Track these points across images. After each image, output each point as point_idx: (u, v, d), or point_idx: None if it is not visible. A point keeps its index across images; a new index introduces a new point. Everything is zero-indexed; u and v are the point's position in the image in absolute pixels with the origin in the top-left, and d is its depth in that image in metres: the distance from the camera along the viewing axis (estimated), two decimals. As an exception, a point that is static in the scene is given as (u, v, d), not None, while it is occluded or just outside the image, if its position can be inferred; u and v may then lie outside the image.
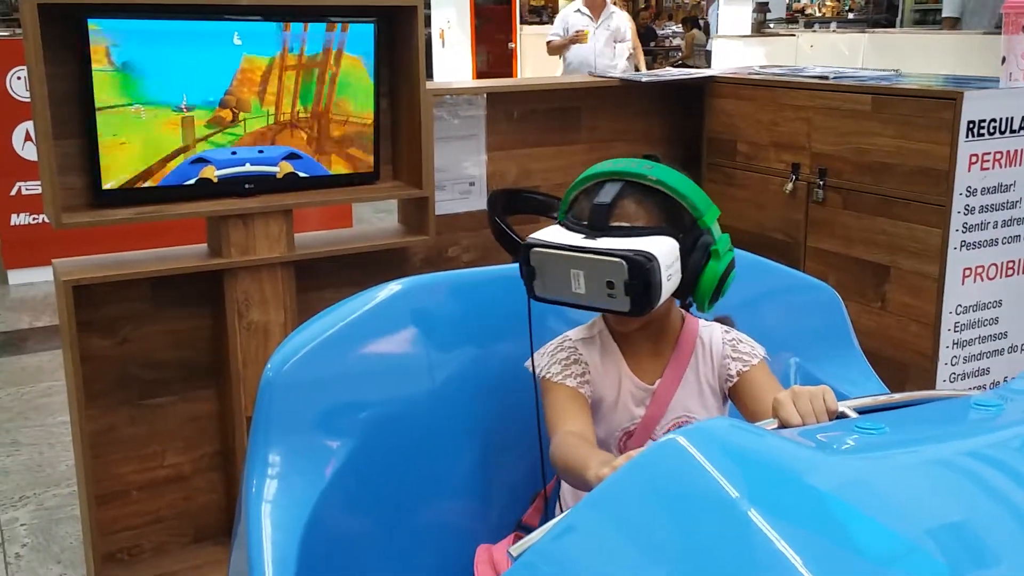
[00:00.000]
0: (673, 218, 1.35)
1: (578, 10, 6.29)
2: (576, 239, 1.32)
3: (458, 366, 1.59)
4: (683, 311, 1.48)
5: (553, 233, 1.35)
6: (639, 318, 1.35)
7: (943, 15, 7.49)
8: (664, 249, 1.28)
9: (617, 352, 1.45)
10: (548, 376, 1.42)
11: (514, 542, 1.44)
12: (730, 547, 0.79)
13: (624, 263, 1.26)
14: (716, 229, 1.38)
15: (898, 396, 1.17)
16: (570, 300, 1.33)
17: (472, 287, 1.67)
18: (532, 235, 1.36)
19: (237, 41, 2.24)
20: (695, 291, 1.36)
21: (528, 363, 1.48)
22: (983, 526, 0.83)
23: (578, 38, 6.15)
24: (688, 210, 1.35)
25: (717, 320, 1.51)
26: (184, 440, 2.48)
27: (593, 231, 1.32)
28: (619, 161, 1.38)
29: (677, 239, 1.32)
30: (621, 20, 6.29)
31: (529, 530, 1.50)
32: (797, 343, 1.83)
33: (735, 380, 1.44)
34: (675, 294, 1.36)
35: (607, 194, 1.34)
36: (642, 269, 1.26)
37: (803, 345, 1.83)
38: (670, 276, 1.30)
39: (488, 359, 1.61)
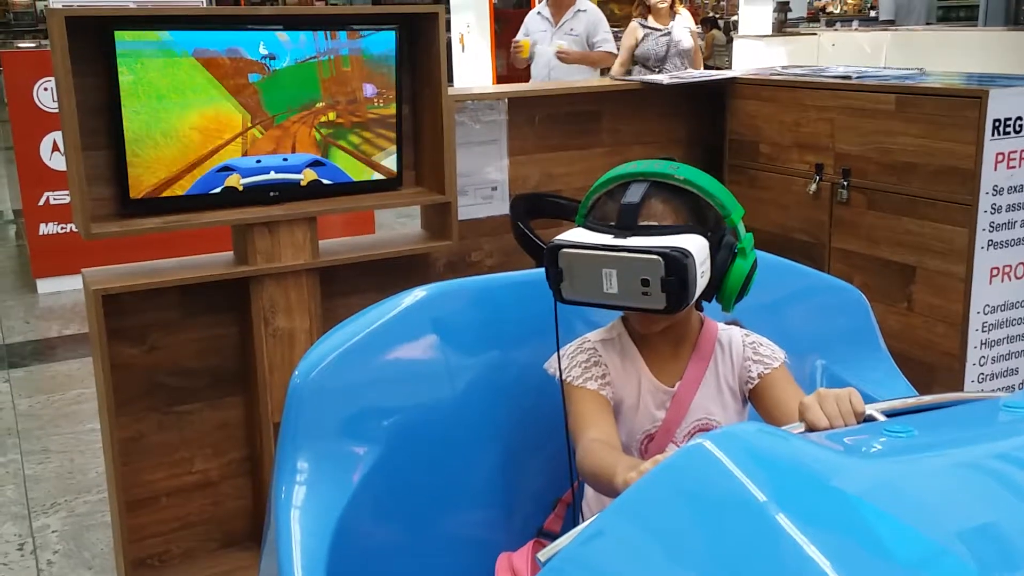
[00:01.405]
0: (699, 217, 1.35)
1: (539, 12, 5.00)
2: (605, 239, 1.31)
3: (483, 372, 1.60)
4: (701, 314, 1.48)
5: (578, 234, 1.35)
6: (670, 316, 1.36)
7: (880, 18, 7.96)
8: (697, 246, 1.29)
9: (637, 354, 1.45)
10: (569, 379, 1.42)
11: (534, 549, 1.45)
12: (758, 551, 0.78)
13: (661, 260, 1.25)
14: (741, 228, 1.38)
15: (926, 398, 1.17)
16: (601, 301, 1.32)
17: (496, 293, 1.67)
18: (555, 237, 1.35)
19: (263, 51, 2.26)
20: (721, 290, 1.36)
21: (547, 365, 1.48)
22: (1013, 529, 0.82)
23: (514, 51, 4.76)
24: (713, 209, 1.36)
25: (727, 324, 1.51)
26: (212, 446, 2.50)
27: (622, 231, 1.31)
28: (641, 163, 1.38)
29: (705, 237, 1.32)
30: (593, 21, 4.87)
31: (550, 536, 1.50)
32: (823, 345, 1.82)
33: (756, 383, 1.44)
34: (701, 294, 1.36)
35: (635, 194, 1.34)
36: (679, 265, 1.25)
37: (829, 347, 1.82)
38: (703, 273, 1.30)
39: (513, 364, 1.61)
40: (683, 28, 5.17)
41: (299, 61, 2.32)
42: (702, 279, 1.30)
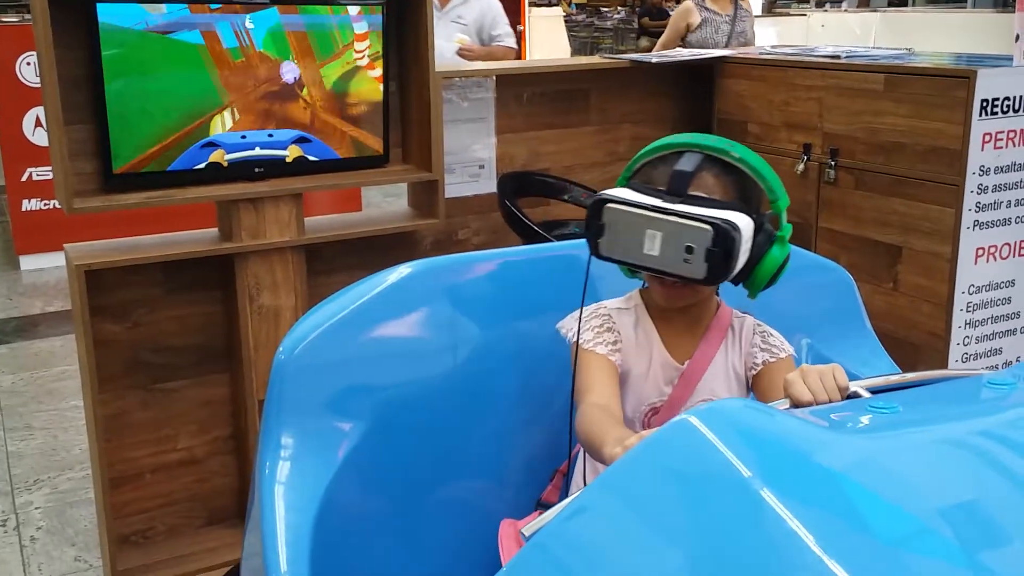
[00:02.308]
0: (746, 198, 1.35)
1: None
2: (654, 201, 1.30)
3: (469, 347, 1.60)
4: (717, 298, 1.48)
5: (624, 193, 1.33)
6: (696, 292, 1.37)
7: None
8: (744, 224, 1.28)
9: (652, 327, 1.45)
10: (579, 342, 1.42)
11: None
12: (742, 526, 0.79)
13: (711, 229, 1.25)
14: (783, 217, 1.38)
15: (911, 376, 1.17)
16: (638, 262, 1.31)
17: (482, 269, 1.67)
18: (601, 192, 1.33)
19: (249, 24, 2.24)
20: (753, 275, 1.35)
21: (560, 325, 1.47)
22: (996, 505, 0.82)
23: None
24: (757, 192, 1.36)
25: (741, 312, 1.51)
26: (197, 423, 2.49)
27: (672, 196, 1.30)
28: (696, 135, 1.38)
29: (751, 218, 1.31)
30: (489, 10, 4.24)
31: (550, 508, 1.50)
32: (809, 324, 1.82)
33: (759, 369, 1.44)
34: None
35: (688, 163, 1.33)
36: (727, 237, 1.25)
37: (815, 326, 1.83)
38: (744, 252, 1.29)
39: (499, 339, 1.61)
40: (746, 16, 4.54)
41: (285, 34, 2.29)
42: (742, 258, 1.29)
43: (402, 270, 1.59)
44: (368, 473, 1.49)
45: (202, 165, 2.28)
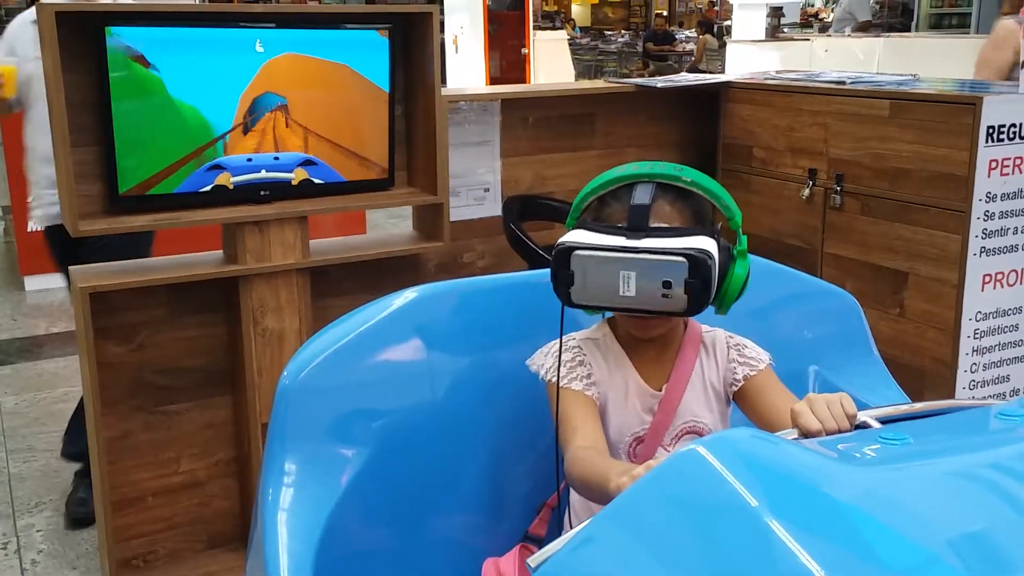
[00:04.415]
0: (701, 219, 1.35)
1: (35, 20, 2.65)
2: (618, 241, 1.28)
3: (474, 374, 1.59)
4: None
5: (584, 236, 1.31)
6: (669, 321, 1.36)
7: (860, 20, 8.40)
8: (711, 248, 1.27)
9: (624, 357, 1.43)
10: (552, 379, 1.40)
11: (521, 554, 1.43)
12: (750, 558, 0.78)
13: (686, 261, 1.24)
14: (740, 230, 1.37)
15: (919, 405, 1.16)
16: (615, 304, 1.30)
17: (487, 294, 1.66)
18: (562, 239, 1.31)
19: (259, 48, 2.25)
20: (721, 294, 1.34)
21: (530, 362, 1.46)
22: (1005, 537, 0.82)
23: None
24: (718, 211, 1.35)
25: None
26: (199, 446, 2.48)
27: (635, 232, 1.28)
28: (642, 164, 1.36)
29: (712, 239, 1.30)
30: None
31: (536, 541, 1.49)
32: (816, 351, 1.81)
33: (740, 384, 1.42)
34: None
35: (643, 195, 1.32)
36: (703, 267, 1.24)
37: (822, 353, 1.82)
38: (716, 275, 1.29)
39: (503, 367, 1.60)
40: None
41: (288, 59, 2.30)
42: (715, 281, 1.29)
43: (408, 294, 1.59)
44: (371, 500, 1.48)
45: (208, 188, 2.28)
